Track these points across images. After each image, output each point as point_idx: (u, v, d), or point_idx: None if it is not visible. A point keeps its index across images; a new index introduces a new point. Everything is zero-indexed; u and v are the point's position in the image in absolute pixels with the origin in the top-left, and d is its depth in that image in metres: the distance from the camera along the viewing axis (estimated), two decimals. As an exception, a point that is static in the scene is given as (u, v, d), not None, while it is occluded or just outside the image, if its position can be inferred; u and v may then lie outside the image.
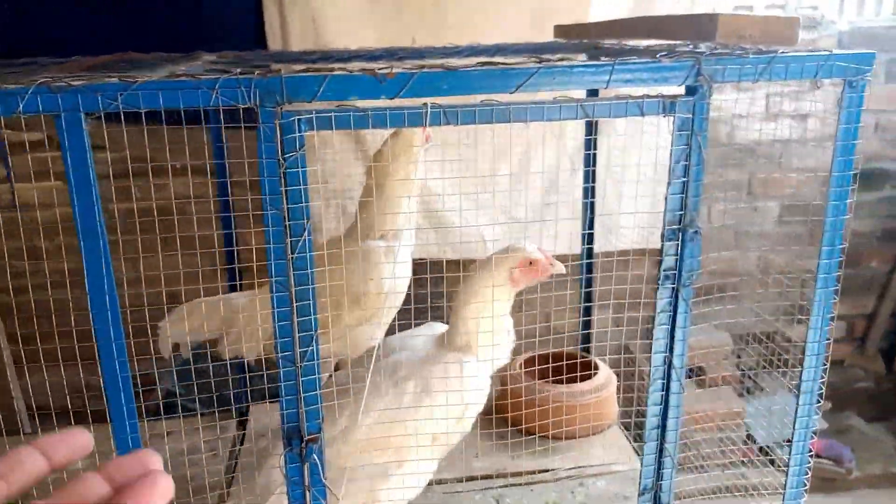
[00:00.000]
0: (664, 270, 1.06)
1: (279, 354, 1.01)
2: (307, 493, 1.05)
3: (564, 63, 0.95)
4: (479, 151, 2.69)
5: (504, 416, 2.07)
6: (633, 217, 2.76)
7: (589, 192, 2.11)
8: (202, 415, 2.19)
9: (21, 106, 0.86)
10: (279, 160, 0.91)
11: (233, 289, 2.15)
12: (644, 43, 1.45)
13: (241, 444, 2.06)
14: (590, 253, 2.26)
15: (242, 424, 2.16)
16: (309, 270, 0.96)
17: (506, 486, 1.84)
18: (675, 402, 1.17)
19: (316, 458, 1.03)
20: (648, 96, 0.99)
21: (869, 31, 3.58)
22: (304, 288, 0.97)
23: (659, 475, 1.19)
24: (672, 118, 0.99)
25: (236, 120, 0.97)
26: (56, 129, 0.90)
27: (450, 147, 2.72)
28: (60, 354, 1.75)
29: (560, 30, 1.95)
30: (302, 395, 1.02)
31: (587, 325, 2.41)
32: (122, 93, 0.88)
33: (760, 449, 3.57)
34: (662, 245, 1.06)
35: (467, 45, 1.97)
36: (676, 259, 1.05)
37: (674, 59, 0.97)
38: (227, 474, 1.93)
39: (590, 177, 2.14)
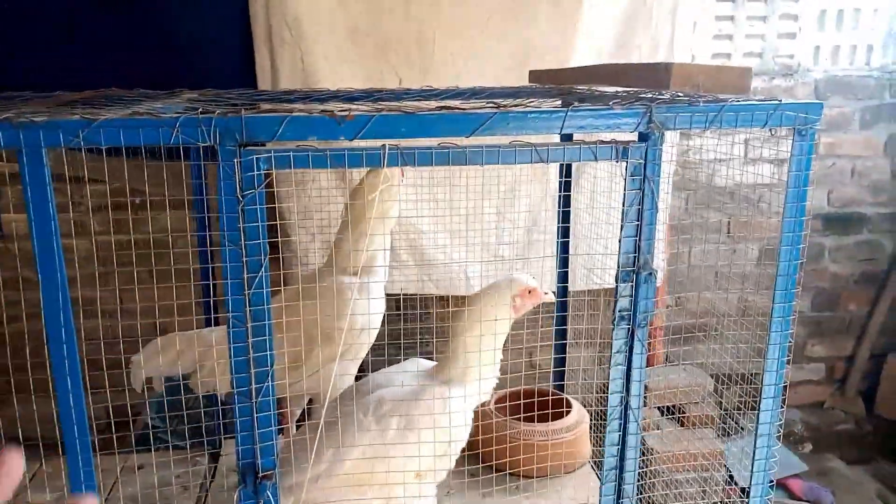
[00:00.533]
0: (619, 311, 1.08)
1: (235, 390, 1.02)
2: (261, 533, 1.05)
3: (519, 109, 0.98)
4: (463, 190, 2.74)
5: (476, 453, 2.06)
6: (613, 258, 2.79)
7: (561, 233, 2.14)
8: (176, 448, 2.18)
9: (-15, 141, 0.89)
10: (238, 197, 0.93)
11: (209, 322, 2.16)
12: (612, 89, 1.49)
13: (213, 478, 2.04)
14: (564, 291, 2.27)
15: (214, 458, 2.15)
16: (265, 307, 0.98)
17: (476, 526, 1.83)
18: (633, 442, 1.18)
19: (270, 495, 1.03)
20: (603, 142, 1.02)
21: (844, 80, 3.68)
22: (261, 324, 0.98)
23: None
24: (624, 164, 1.02)
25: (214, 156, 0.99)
26: (18, 163, 0.92)
27: (435, 186, 2.76)
28: (33, 386, 1.75)
29: (534, 75, 2.00)
30: (257, 431, 1.02)
31: (562, 362, 2.42)
32: (83, 130, 0.90)
33: (742, 490, 3.56)
34: (617, 287, 1.08)
35: (446, 88, 2.02)
36: (631, 300, 1.07)
37: (626, 107, 1.00)
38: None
39: (564, 218, 2.18)
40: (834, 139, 3.77)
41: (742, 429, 4.03)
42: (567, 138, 1.89)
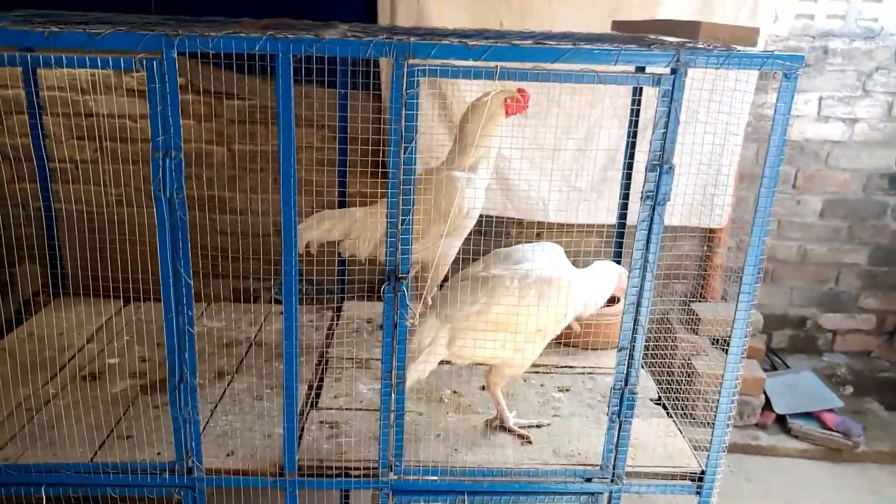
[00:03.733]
0: (646, 192, 1.57)
1: (389, 229, 1.58)
2: (396, 313, 1.64)
3: (589, 47, 1.47)
4: (551, 128, 3.17)
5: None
6: (683, 194, 3.18)
7: (626, 165, 2.55)
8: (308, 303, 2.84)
9: (257, 47, 1.45)
10: (403, 94, 1.47)
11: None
12: (669, 39, 1.93)
13: (336, 324, 2.70)
14: (622, 224, 2.66)
15: (338, 311, 2.80)
16: (413, 177, 1.53)
17: (533, 372, 2.39)
18: (645, 304, 1.68)
19: (404, 289, 1.61)
20: (643, 71, 1.50)
21: (925, 45, 3.85)
22: (409, 177, 1.53)
23: (627, 378, 1.71)
24: (658, 89, 1.49)
25: (355, 84, 1.49)
26: (274, 66, 1.48)
27: (526, 119, 3.22)
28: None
29: (615, 24, 2.45)
30: (399, 248, 1.59)
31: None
32: (315, 44, 1.46)
33: (778, 416, 3.97)
34: (646, 174, 1.57)
35: (541, 31, 2.48)
36: (656, 185, 1.56)
37: (662, 49, 1.47)
38: (326, 340, 2.57)
39: (627, 151, 2.59)
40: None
41: (787, 366, 4.40)
42: (640, 70, 2.32)
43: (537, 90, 2.50)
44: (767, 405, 4.05)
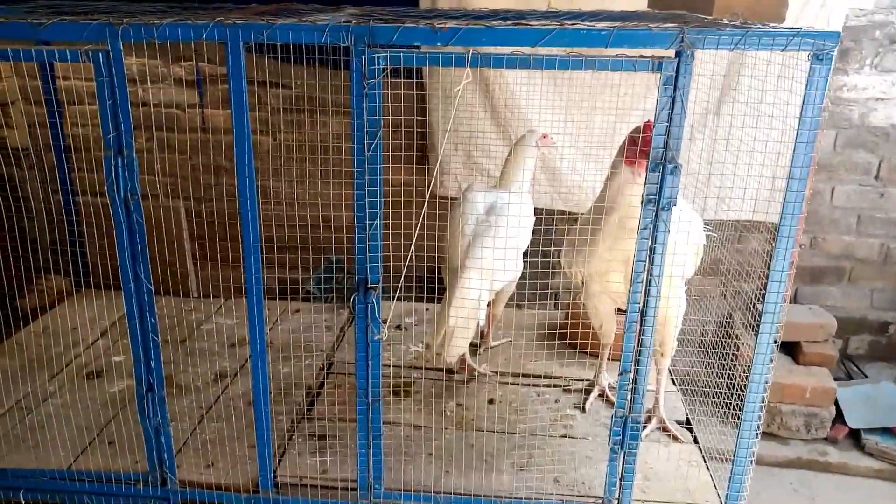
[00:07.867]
0: (648, 195, 1.35)
1: (357, 227, 1.43)
2: (368, 325, 1.49)
3: (574, 27, 1.26)
4: (600, 112, 2.95)
5: (567, 338, 2.40)
6: (746, 188, 2.87)
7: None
8: (326, 301, 2.74)
9: (205, 34, 1.33)
10: (363, 84, 1.31)
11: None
12: (697, 15, 1.69)
13: (350, 325, 2.58)
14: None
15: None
16: (378, 164, 1.36)
17: (548, 385, 2.19)
18: (653, 303, 1.46)
19: (374, 301, 1.46)
20: (643, 56, 1.27)
21: None
22: (374, 178, 1.37)
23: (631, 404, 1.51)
24: (659, 75, 1.27)
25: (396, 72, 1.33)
26: (224, 53, 1.35)
27: (572, 109, 2.98)
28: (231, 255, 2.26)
29: (652, 0, 2.19)
30: (368, 255, 1.44)
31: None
32: (266, 31, 1.32)
33: (851, 432, 3.61)
34: (646, 175, 1.35)
35: (568, 10, 2.25)
36: (658, 187, 1.34)
37: (663, 28, 1.25)
38: (336, 342, 2.46)
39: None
40: None
41: (865, 375, 4.00)
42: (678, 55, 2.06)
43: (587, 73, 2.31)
44: (839, 418, 3.69)
